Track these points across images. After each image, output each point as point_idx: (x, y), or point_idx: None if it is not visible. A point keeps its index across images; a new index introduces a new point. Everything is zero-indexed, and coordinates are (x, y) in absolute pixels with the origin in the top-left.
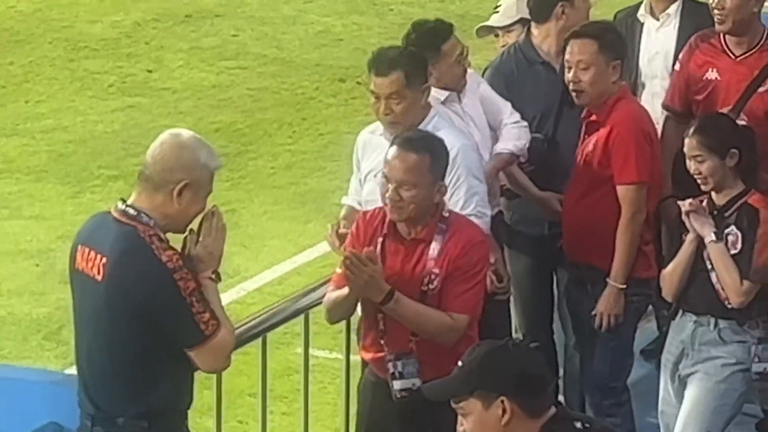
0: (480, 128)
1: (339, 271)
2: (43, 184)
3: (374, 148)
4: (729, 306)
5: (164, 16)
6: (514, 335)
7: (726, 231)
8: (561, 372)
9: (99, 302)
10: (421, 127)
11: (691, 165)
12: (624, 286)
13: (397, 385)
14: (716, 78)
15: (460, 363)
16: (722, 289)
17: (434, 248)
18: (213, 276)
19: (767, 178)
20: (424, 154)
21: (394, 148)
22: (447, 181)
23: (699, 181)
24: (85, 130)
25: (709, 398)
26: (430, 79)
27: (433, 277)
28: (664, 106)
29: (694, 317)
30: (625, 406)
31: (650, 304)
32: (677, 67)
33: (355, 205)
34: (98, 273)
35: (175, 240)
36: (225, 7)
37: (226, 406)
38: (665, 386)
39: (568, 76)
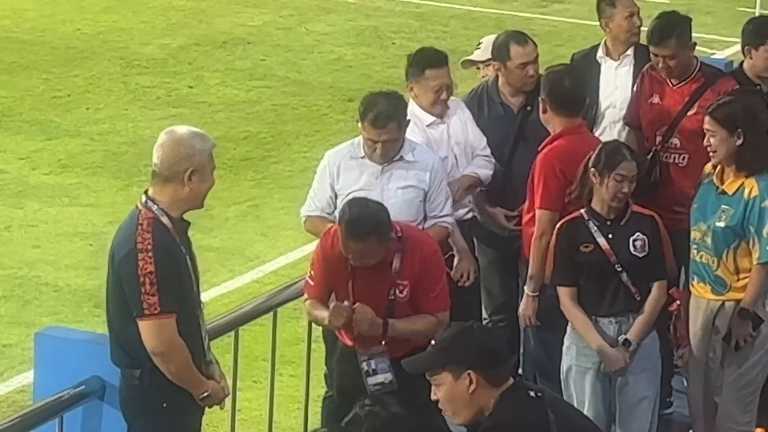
0: (461, 147)
1: (310, 282)
2: (98, 177)
3: (351, 169)
4: (638, 299)
5: (204, 42)
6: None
7: (632, 238)
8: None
9: (109, 268)
10: (402, 151)
11: (622, 186)
12: (535, 294)
13: (371, 380)
14: (658, 102)
15: (433, 342)
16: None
17: (396, 264)
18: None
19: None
20: (372, 239)
21: (344, 235)
22: (429, 187)
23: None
24: (135, 134)
25: (650, 377)
26: (411, 94)
27: (401, 288)
28: (625, 122)
29: (612, 319)
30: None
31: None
32: (634, 89)
33: (324, 215)
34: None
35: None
36: (255, 36)
37: (243, 368)
38: (593, 391)
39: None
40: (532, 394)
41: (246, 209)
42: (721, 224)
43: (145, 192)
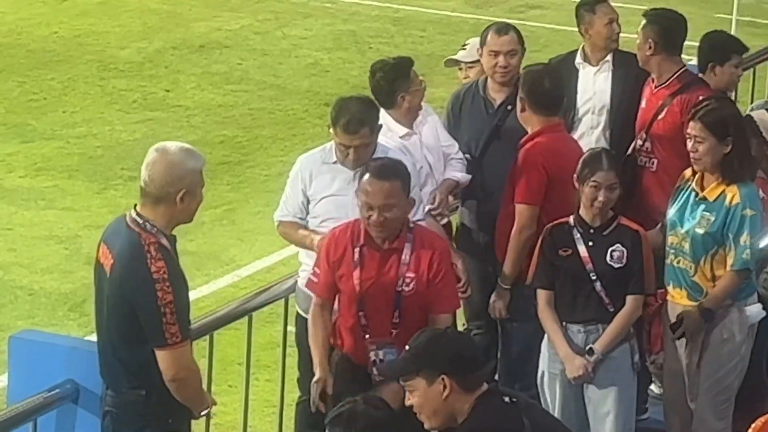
0: (434, 154)
1: (314, 279)
2: (74, 181)
3: (323, 174)
4: (611, 311)
5: (181, 46)
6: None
7: (611, 248)
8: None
9: (107, 293)
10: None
11: (600, 194)
12: (507, 287)
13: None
14: (643, 106)
15: (407, 347)
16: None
17: (406, 254)
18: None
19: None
20: (396, 180)
21: (370, 178)
22: None
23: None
24: (111, 137)
25: (618, 392)
26: (402, 106)
27: (408, 280)
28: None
29: (581, 327)
30: (532, 390)
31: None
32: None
33: (297, 220)
34: (109, 269)
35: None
36: (232, 40)
37: (218, 373)
38: (563, 397)
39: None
40: (506, 399)
41: (222, 213)
42: (701, 230)
43: (135, 208)
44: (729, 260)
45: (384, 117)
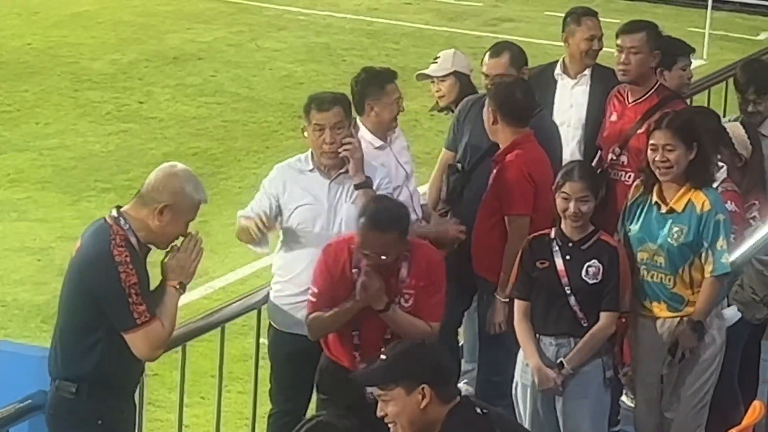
0: (409, 167)
1: (312, 299)
2: (47, 192)
3: (299, 183)
4: (585, 326)
5: (155, 58)
6: None
7: (587, 263)
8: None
9: (66, 276)
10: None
11: (570, 206)
12: (506, 300)
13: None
14: (615, 120)
15: (383, 356)
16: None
17: (403, 272)
18: (178, 286)
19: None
20: (394, 232)
21: (366, 227)
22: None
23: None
24: (84, 149)
25: (589, 406)
26: (370, 115)
27: (407, 297)
28: (597, 143)
29: (553, 340)
30: (506, 399)
31: None
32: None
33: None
34: (75, 252)
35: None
36: (206, 52)
37: (192, 385)
38: (533, 408)
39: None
40: (478, 410)
41: (195, 225)
42: (676, 243)
43: (117, 207)
44: (708, 267)
45: (361, 127)
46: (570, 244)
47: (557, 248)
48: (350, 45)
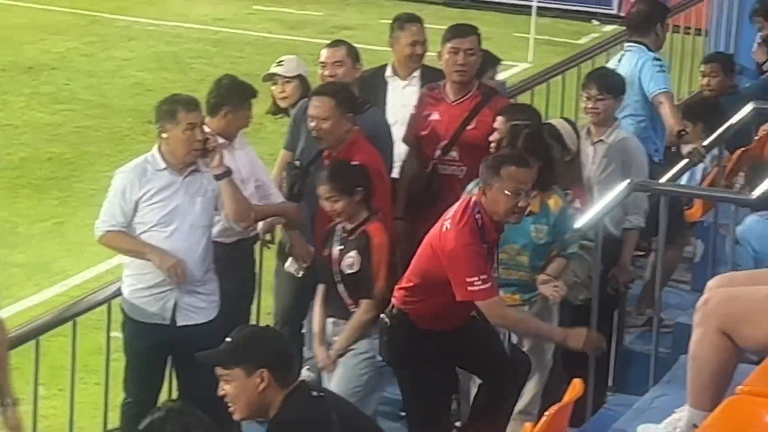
0: (244, 170)
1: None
2: None
3: (151, 181)
4: (353, 311)
5: (11, 68)
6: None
7: (347, 254)
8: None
9: None
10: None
11: (325, 205)
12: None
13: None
14: (438, 118)
15: (228, 339)
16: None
17: None
18: None
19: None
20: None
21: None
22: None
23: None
24: None
25: (348, 380)
26: (222, 119)
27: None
28: (403, 140)
29: (332, 321)
30: None
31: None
32: (411, 111)
33: (124, 230)
34: None
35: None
36: (60, 62)
37: (50, 377)
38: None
39: (311, 125)
40: (314, 394)
41: (51, 226)
42: (539, 241)
43: None
44: (557, 250)
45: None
46: (344, 234)
47: (337, 237)
48: (197, 54)
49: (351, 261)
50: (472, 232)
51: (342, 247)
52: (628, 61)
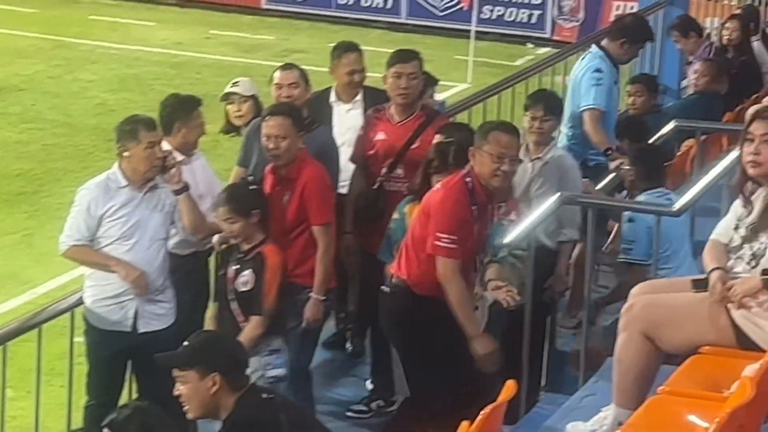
0: (202, 186)
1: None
2: None
3: (113, 198)
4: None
5: None
6: None
7: (242, 273)
8: None
9: None
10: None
11: (223, 226)
12: (324, 298)
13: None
14: (384, 138)
15: (186, 343)
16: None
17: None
18: None
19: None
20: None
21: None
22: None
23: (233, 239)
24: None
25: None
26: (177, 135)
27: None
28: (351, 160)
29: None
30: (308, 383)
31: (332, 307)
32: (359, 132)
33: (90, 244)
34: None
35: None
36: (27, 84)
37: (18, 380)
38: None
39: (268, 144)
40: (264, 396)
41: (20, 238)
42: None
43: None
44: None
45: (166, 145)
46: (240, 255)
47: (233, 258)
48: (157, 75)
49: (245, 279)
50: (461, 191)
51: (238, 266)
52: (580, 63)
